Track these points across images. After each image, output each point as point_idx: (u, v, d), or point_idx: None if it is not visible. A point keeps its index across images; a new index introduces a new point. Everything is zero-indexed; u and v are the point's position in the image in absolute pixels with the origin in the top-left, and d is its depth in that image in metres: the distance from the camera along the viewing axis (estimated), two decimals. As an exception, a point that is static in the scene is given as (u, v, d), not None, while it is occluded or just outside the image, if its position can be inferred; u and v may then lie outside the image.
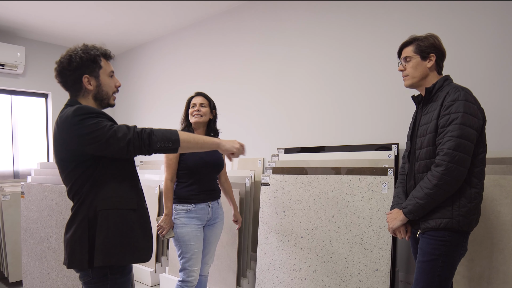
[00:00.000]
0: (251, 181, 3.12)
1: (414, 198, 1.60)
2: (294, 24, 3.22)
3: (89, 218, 1.43)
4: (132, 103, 5.00)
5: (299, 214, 2.60)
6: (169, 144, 1.44)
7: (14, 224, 3.52)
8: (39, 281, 2.77)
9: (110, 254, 1.41)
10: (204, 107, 2.33)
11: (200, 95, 2.39)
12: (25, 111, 4.76)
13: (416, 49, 1.70)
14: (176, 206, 2.23)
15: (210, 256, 2.42)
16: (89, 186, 1.44)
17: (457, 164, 1.49)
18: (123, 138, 1.38)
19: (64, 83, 1.51)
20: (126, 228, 1.45)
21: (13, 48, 4.23)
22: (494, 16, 2.24)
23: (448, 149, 1.50)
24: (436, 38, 1.71)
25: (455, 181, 1.51)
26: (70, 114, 1.38)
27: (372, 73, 2.75)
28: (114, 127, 1.39)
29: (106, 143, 1.38)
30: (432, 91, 1.67)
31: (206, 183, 2.30)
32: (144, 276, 3.56)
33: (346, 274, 2.35)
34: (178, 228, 2.20)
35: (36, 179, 3.02)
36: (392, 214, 1.72)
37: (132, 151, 1.41)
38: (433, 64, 1.68)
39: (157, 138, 1.41)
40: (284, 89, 3.29)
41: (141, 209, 1.54)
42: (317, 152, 2.92)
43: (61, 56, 1.49)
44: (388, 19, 2.67)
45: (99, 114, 1.42)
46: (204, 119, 2.33)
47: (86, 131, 1.37)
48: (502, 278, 1.93)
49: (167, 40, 4.52)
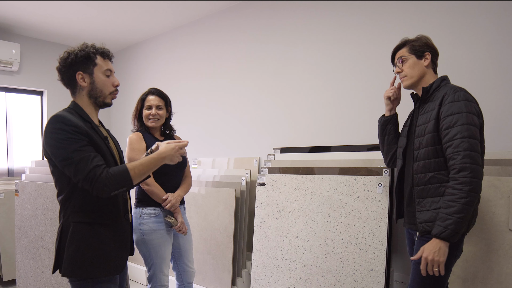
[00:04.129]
0: (247, 180, 3.12)
1: (452, 216, 1.46)
2: (291, 23, 3.21)
3: (63, 227, 1.45)
4: (128, 101, 4.97)
5: (295, 214, 2.60)
6: (123, 189, 1.42)
7: (8, 222, 3.50)
8: (33, 280, 2.75)
9: (77, 267, 1.42)
10: (161, 109, 2.23)
11: (156, 94, 2.25)
12: (20, 108, 4.72)
13: (410, 50, 1.71)
14: (143, 209, 2.13)
15: (191, 261, 2.35)
16: (69, 190, 1.45)
17: (478, 164, 1.48)
18: (74, 174, 1.36)
19: (62, 80, 1.54)
20: (97, 242, 1.45)
21: (8, 45, 4.20)
22: (492, 16, 2.25)
23: (465, 151, 1.47)
24: (428, 38, 1.73)
25: (480, 181, 1.49)
26: (48, 120, 1.40)
27: (368, 73, 2.75)
28: (76, 157, 1.35)
29: (62, 167, 1.38)
30: (429, 90, 1.66)
31: (173, 183, 2.22)
32: (139, 275, 3.55)
33: (341, 274, 2.35)
34: (146, 234, 2.09)
35: (30, 177, 3.00)
36: (430, 247, 1.50)
37: (82, 187, 1.39)
38: (429, 63, 1.69)
39: (110, 189, 1.37)
40: (281, 88, 3.29)
41: (116, 222, 1.53)
42: (313, 152, 2.92)
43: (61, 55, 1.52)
44: (385, 18, 2.67)
45: (74, 129, 1.38)
46: (161, 123, 2.25)
47: (52, 143, 1.37)
48: (496, 278, 1.94)
49: (163, 38, 4.50)
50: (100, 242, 1.46)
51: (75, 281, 1.45)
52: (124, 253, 1.56)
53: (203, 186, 3.24)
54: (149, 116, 2.21)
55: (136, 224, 2.11)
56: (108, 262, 1.47)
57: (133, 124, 2.30)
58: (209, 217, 3.10)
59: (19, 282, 2.92)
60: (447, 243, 1.49)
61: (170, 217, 2.14)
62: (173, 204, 2.11)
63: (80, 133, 1.39)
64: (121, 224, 1.55)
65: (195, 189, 3.22)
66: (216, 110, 3.86)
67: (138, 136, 2.18)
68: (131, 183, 1.42)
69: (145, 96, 2.27)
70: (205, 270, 3.07)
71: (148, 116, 2.22)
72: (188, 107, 4.11)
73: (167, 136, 2.35)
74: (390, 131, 1.94)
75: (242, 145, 3.60)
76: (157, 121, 2.22)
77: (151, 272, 2.15)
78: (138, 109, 2.27)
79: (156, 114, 2.21)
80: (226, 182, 3.15)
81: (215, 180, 3.25)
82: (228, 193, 3.00)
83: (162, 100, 2.26)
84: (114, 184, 1.37)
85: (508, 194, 1.94)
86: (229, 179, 3.20)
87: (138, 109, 2.27)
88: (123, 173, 1.40)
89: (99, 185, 1.35)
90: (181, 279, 2.34)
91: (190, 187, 2.36)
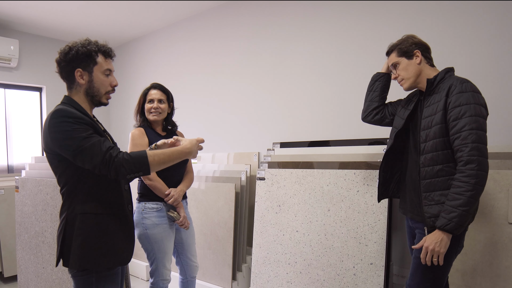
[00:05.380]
0: (247, 175, 3.12)
1: (457, 209, 1.46)
2: (289, 18, 3.20)
3: (68, 219, 1.44)
4: (127, 97, 4.97)
5: (295, 208, 2.61)
6: (139, 173, 1.42)
7: (8, 218, 3.51)
8: (34, 276, 2.76)
9: (86, 258, 1.42)
10: (163, 103, 2.24)
11: (158, 88, 2.26)
12: (19, 104, 4.71)
13: (398, 53, 1.74)
14: (145, 204, 2.14)
15: (194, 255, 2.36)
16: (74, 181, 1.44)
17: (485, 157, 1.47)
18: (89, 161, 1.35)
19: (60, 73, 1.53)
20: (104, 232, 1.46)
21: (6, 41, 4.18)
22: (493, 13, 2.24)
23: (473, 143, 1.46)
24: (413, 36, 1.75)
25: (486, 174, 1.48)
26: (50, 115, 1.39)
27: (366, 68, 2.75)
28: (87, 143, 1.35)
29: (74, 157, 1.37)
30: (433, 82, 1.65)
31: (175, 178, 2.23)
32: (139, 270, 3.57)
33: (341, 267, 2.36)
34: (149, 229, 2.10)
35: (30, 173, 3.00)
36: (432, 237, 1.52)
37: (99, 173, 1.38)
38: (421, 59, 1.70)
39: (126, 171, 1.37)
40: (280, 83, 3.28)
41: (122, 212, 1.54)
42: (313, 147, 2.93)
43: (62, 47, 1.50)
44: (382, 13, 2.66)
45: (78, 120, 1.39)
46: (162, 116, 2.26)
47: (59, 136, 1.37)
48: (495, 271, 1.95)
49: (162, 34, 4.49)
50: (107, 233, 1.46)
51: (79, 276, 1.44)
52: (130, 244, 1.56)
53: (203, 181, 3.24)
54: (151, 109, 2.22)
55: (138, 218, 2.12)
56: (116, 252, 1.48)
57: (135, 119, 2.31)
58: (209, 212, 3.10)
59: (20, 277, 2.93)
60: (450, 236, 1.50)
61: (172, 211, 2.15)
62: (175, 198, 2.12)
63: (85, 123, 1.40)
64: (126, 214, 1.56)
65: (195, 184, 3.23)
66: (215, 106, 3.86)
67: (140, 132, 2.19)
68: (147, 169, 1.42)
69: (147, 91, 2.28)
70: (205, 265, 3.08)
71: (150, 109, 2.23)
72: (187, 103, 4.11)
73: (169, 131, 2.35)
74: (377, 88, 1.99)
75: (241, 140, 3.60)
76: (159, 114, 2.23)
77: (154, 267, 2.16)
78: (141, 103, 2.28)
79: (158, 108, 2.22)
80: (226, 177, 3.16)
81: (215, 175, 3.26)
82: (228, 188, 3.00)
83: (164, 94, 2.27)
84: (131, 166, 1.38)
85: (507, 188, 1.94)
86: (229, 174, 3.20)
87: (141, 103, 2.28)
88: (141, 158, 1.41)
89: (116, 165, 1.35)
90: (185, 273, 2.35)
91: (192, 182, 2.37)
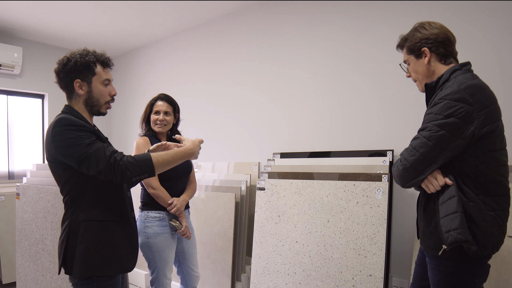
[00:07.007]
0: (247, 185, 3.13)
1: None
2: (291, 27, 3.24)
3: (71, 227, 1.45)
4: (129, 106, 5.00)
5: (294, 219, 2.62)
6: (145, 176, 1.44)
7: (8, 225, 3.51)
8: (33, 283, 2.76)
9: (90, 266, 1.42)
10: (169, 115, 2.28)
11: (165, 100, 2.29)
12: (21, 111, 4.74)
13: (408, 50, 1.57)
14: (148, 213, 2.15)
15: (195, 265, 2.37)
16: (78, 189, 1.46)
17: (408, 162, 1.45)
18: (95, 166, 1.37)
19: (59, 84, 1.55)
20: (108, 239, 1.46)
21: (10, 49, 4.22)
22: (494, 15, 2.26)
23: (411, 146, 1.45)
24: (421, 28, 1.53)
25: (399, 173, 1.49)
26: (52, 124, 1.42)
27: (369, 79, 2.78)
28: (91, 149, 1.37)
29: (79, 163, 1.39)
30: (434, 86, 1.49)
31: (178, 188, 2.25)
32: (138, 279, 3.56)
33: (340, 279, 2.36)
34: (151, 238, 2.11)
35: (31, 180, 3.02)
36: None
37: (104, 178, 1.40)
38: (429, 58, 1.50)
39: (132, 173, 1.40)
40: (281, 93, 3.31)
41: (126, 219, 1.55)
42: (313, 158, 2.94)
43: (61, 57, 1.52)
44: (386, 23, 2.69)
45: (81, 128, 1.41)
46: (167, 128, 2.30)
47: (62, 144, 1.38)
48: (494, 284, 1.95)
49: (164, 43, 4.53)
50: (111, 240, 1.47)
51: (80, 285, 1.45)
52: (134, 251, 1.57)
53: (203, 190, 3.25)
54: (157, 121, 2.26)
55: (141, 227, 2.13)
56: (120, 259, 1.49)
57: (141, 127, 2.35)
58: (209, 222, 3.11)
59: (19, 285, 2.92)
60: None
61: (175, 221, 2.16)
62: (178, 208, 2.14)
63: (87, 130, 1.43)
64: (129, 221, 1.57)
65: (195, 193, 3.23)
66: (216, 115, 3.89)
67: (145, 141, 2.23)
68: (152, 171, 1.45)
69: (154, 101, 2.31)
70: (204, 275, 3.08)
71: (155, 121, 2.26)
72: (188, 111, 4.13)
73: (173, 141, 2.38)
74: None
75: (242, 150, 3.62)
76: (164, 126, 2.27)
77: (154, 275, 2.16)
78: (147, 113, 2.32)
79: (163, 120, 2.25)
80: (226, 186, 3.17)
81: (215, 185, 3.27)
82: (228, 197, 3.01)
83: (171, 106, 2.31)
84: (136, 169, 1.40)
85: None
86: (229, 184, 3.21)
87: (147, 113, 2.32)
88: (145, 160, 1.43)
89: (122, 169, 1.37)
90: (186, 283, 2.36)
91: (195, 192, 2.40)
